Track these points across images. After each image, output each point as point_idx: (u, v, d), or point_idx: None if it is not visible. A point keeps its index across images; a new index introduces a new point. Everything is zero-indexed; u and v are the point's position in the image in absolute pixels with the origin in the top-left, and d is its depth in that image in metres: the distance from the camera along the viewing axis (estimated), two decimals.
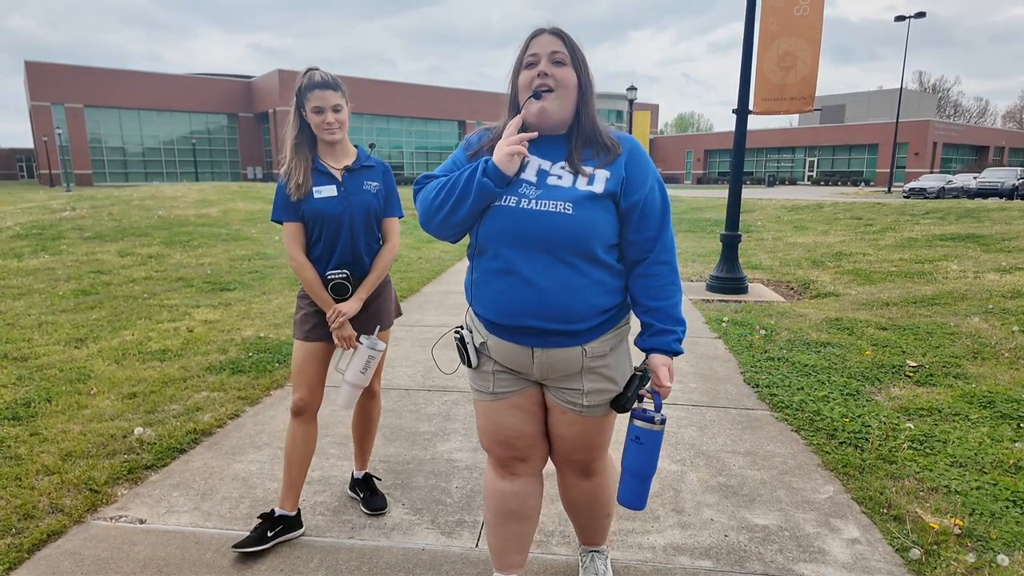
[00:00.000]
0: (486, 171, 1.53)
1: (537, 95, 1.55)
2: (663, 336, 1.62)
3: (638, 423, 1.63)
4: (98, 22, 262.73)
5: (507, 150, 1.52)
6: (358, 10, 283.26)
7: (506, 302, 1.58)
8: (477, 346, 1.70)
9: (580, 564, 2.09)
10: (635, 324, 1.71)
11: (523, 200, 1.54)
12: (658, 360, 1.62)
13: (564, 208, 1.51)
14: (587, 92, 1.61)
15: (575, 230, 1.51)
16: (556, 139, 1.62)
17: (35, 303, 6.36)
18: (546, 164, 1.59)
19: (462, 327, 1.75)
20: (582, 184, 1.54)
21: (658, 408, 1.63)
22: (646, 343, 1.64)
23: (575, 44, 1.59)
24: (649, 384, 1.64)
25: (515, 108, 1.63)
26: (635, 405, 1.65)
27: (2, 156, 69.63)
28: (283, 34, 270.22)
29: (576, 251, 1.52)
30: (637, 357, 1.75)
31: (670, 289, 1.63)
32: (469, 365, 1.72)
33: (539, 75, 1.55)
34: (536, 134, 1.58)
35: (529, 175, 1.57)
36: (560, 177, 1.56)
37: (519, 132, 1.57)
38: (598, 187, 1.54)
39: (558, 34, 1.58)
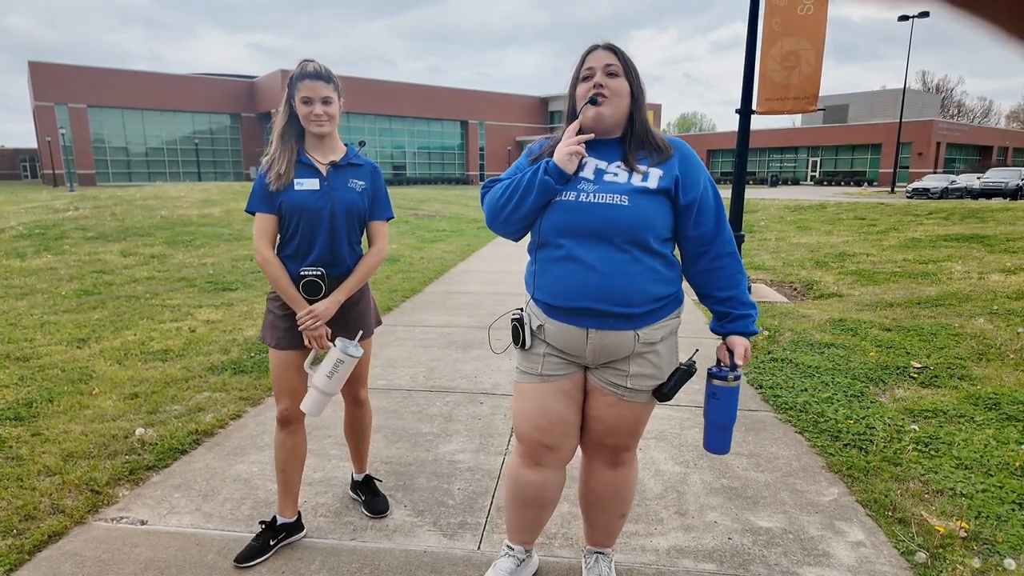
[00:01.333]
0: (547, 170, 1.68)
1: (594, 101, 1.68)
2: (741, 321, 1.77)
3: (716, 382, 1.77)
4: (98, 22, 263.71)
5: (566, 150, 1.67)
6: (358, 10, 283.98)
7: (565, 285, 1.70)
8: (534, 329, 1.79)
9: (584, 565, 2.08)
10: (686, 315, 1.71)
11: (582, 194, 1.68)
12: (737, 340, 1.77)
13: (620, 200, 1.65)
14: (639, 100, 1.74)
15: (629, 220, 1.64)
16: (612, 142, 1.76)
17: (37, 303, 6.37)
18: (603, 164, 1.72)
19: (521, 309, 1.84)
20: (637, 180, 1.68)
21: (733, 369, 1.77)
22: (725, 328, 1.79)
23: (627, 57, 1.73)
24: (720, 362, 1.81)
25: (573, 117, 1.76)
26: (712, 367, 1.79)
27: (6, 156, 69.70)
28: (283, 34, 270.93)
29: (630, 239, 1.66)
30: (684, 353, 1.86)
31: (737, 277, 1.78)
32: (522, 346, 1.81)
33: (595, 86, 1.69)
34: (593, 136, 1.71)
35: (587, 173, 1.71)
36: (616, 175, 1.70)
37: (577, 135, 1.70)
38: (652, 183, 1.68)
39: (611, 49, 1.72)
